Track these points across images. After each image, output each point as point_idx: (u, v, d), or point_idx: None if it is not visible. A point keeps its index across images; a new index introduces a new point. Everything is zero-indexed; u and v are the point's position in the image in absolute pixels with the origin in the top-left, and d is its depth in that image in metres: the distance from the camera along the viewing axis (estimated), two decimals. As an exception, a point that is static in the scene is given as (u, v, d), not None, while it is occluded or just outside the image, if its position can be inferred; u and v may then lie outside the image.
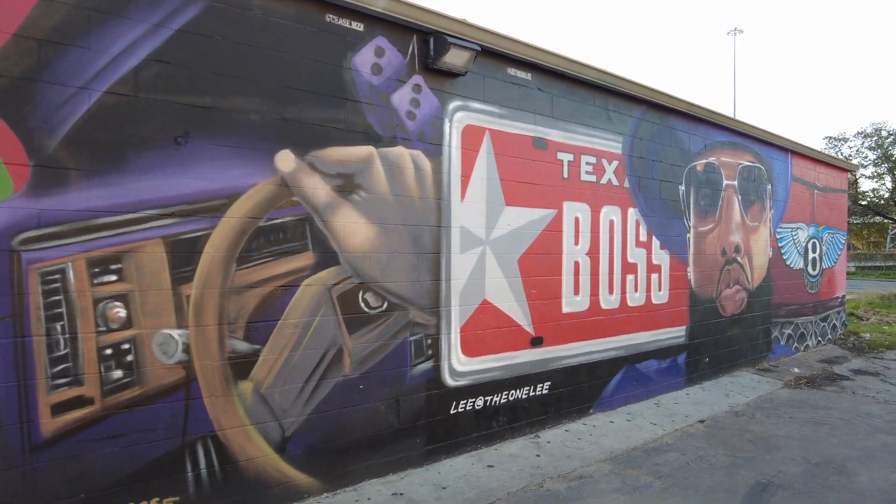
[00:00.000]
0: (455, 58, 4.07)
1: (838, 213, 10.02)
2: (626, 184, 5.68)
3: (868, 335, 10.28)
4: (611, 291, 5.53)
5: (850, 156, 21.79)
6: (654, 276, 6.01)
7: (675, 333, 6.29)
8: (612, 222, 5.53)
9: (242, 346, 3.36)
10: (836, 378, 7.16)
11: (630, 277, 5.73)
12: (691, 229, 6.50)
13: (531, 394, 4.84)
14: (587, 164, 5.28)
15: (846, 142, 21.80)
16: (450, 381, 4.29)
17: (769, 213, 7.92)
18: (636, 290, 5.80)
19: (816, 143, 24.45)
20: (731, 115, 7.01)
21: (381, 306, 3.90)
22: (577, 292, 5.21)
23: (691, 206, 6.49)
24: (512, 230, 4.68)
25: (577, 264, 5.21)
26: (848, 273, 32.91)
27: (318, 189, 3.58)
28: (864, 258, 33.20)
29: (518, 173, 4.72)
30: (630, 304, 5.73)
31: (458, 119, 4.31)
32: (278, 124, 3.44)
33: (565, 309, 5.12)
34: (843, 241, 10.32)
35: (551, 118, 4.97)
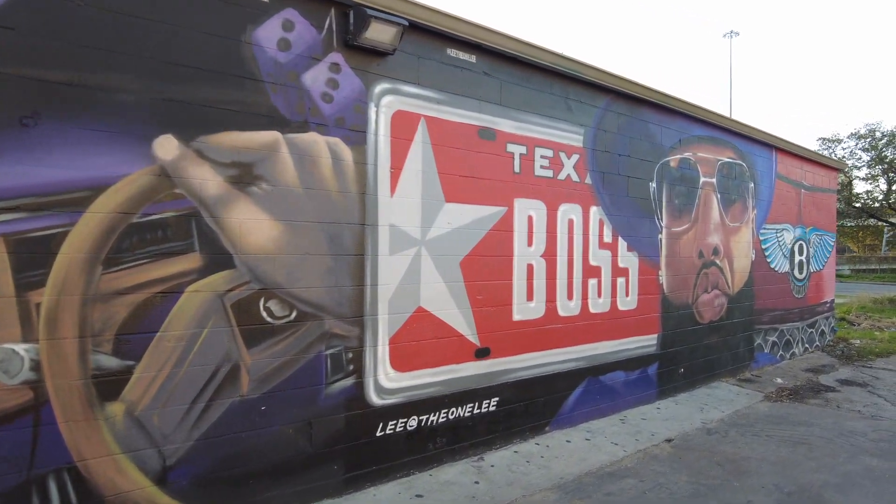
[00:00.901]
0: (378, 33, 3.59)
1: (827, 213, 9.56)
2: (588, 180, 5.20)
3: (858, 341, 9.81)
4: (570, 297, 5.05)
5: (844, 157, 21.36)
6: (621, 281, 5.54)
7: (645, 342, 5.80)
8: (571, 222, 5.05)
9: (111, 361, 2.87)
10: (820, 389, 6.69)
11: (592, 282, 5.25)
12: (664, 230, 6.02)
13: (476, 411, 4.36)
14: (542, 157, 4.80)
15: (840, 143, 21.36)
16: (376, 400, 3.80)
17: (752, 213, 7.45)
18: (599, 295, 5.32)
19: (811, 145, 24.03)
20: (710, 108, 6.55)
21: (289, 315, 3.41)
22: (530, 298, 4.73)
23: (664, 204, 6.01)
24: (453, 229, 4.20)
25: (530, 267, 4.73)
26: (843, 276, 32.50)
27: (207, 180, 3.10)
28: (858, 261, 32.71)
29: (461, 166, 4.24)
30: (592, 310, 5.25)
31: (387, 103, 3.83)
32: (158, 105, 2.96)
33: (517, 316, 4.63)
34: (832, 244, 9.85)
35: (500, 106, 4.49)
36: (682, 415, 5.56)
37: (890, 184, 20.96)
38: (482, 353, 4.40)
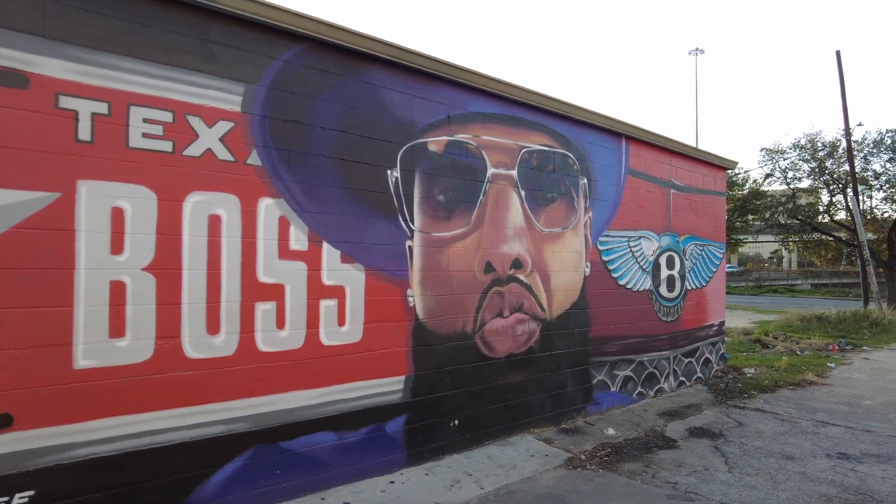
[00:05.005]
0: None
1: (712, 220, 8.09)
2: (255, 160, 3.63)
3: (752, 370, 8.30)
4: (213, 330, 3.44)
5: (786, 168, 20.18)
6: (328, 305, 3.95)
7: (380, 388, 4.21)
8: (216, 219, 3.47)
9: None
10: (654, 446, 5.12)
11: (265, 307, 3.66)
12: (416, 235, 4.46)
13: (-27, 518, 2.71)
14: (147, 121, 3.23)
15: (783, 154, 20.16)
16: None
17: (584, 216, 5.94)
18: (281, 326, 3.72)
19: (754, 156, 22.88)
20: (502, 78, 5.04)
21: None
22: (118, 333, 3.12)
23: (416, 201, 4.46)
24: (-88, 225, 2.58)
25: (118, 287, 3.12)
26: (804, 291, 31.23)
27: None
28: (811, 275, 31.61)
29: (-63, 125, 2.65)
30: (265, 348, 3.65)
31: None
32: None
33: (84, 362, 3.02)
34: (720, 255, 8.38)
35: (42, 38, 2.92)
36: (416, 495, 3.95)
37: (832, 195, 19.76)
38: (-10, 424, 2.76)
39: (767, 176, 21.39)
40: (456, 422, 4.71)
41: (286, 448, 3.73)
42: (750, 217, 22.82)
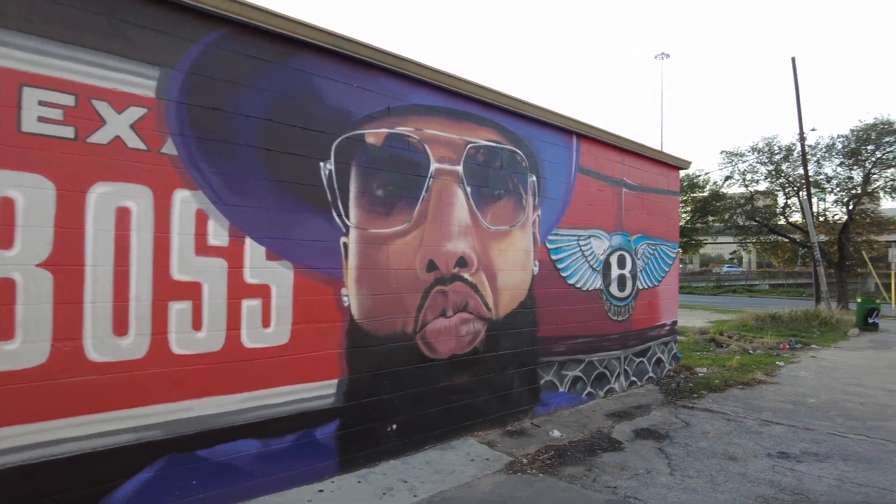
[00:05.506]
0: None
1: (665, 219, 8.10)
2: (170, 149, 3.39)
3: (704, 370, 8.36)
4: (121, 331, 3.20)
5: (745, 171, 20.65)
6: (251, 305, 3.73)
7: (309, 392, 4.01)
8: (125, 212, 3.22)
9: None
10: (598, 448, 5.04)
11: (179, 307, 3.42)
12: (352, 231, 4.27)
13: None
14: (45, 104, 2.97)
15: (742, 157, 20.61)
16: None
17: (532, 214, 5.83)
18: (197, 326, 3.49)
19: (714, 159, 23.33)
20: (444, 70, 4.90)
21: None
22: (6, 336, 2.86)
23: (352, 195, 4.27)
24: None
25: (7, 285, 2.86)
26: (759, 291, 32.03)
27: None
28: (767, 276, 32.49)
29: None
30: (179, 350, 3.42)
31: None
32: None
33: (-35, 367, 2.74)
34: (673, 255, 8.40)
35: (-84, 8, 2.64)
36: None
37: (787, 197, 20.30)
38: None
39: (727, 178, 21.83)
40: (394, 426, 4.54)
41: (204, 457, 3.50)
42: (710, 218, 23.27)
